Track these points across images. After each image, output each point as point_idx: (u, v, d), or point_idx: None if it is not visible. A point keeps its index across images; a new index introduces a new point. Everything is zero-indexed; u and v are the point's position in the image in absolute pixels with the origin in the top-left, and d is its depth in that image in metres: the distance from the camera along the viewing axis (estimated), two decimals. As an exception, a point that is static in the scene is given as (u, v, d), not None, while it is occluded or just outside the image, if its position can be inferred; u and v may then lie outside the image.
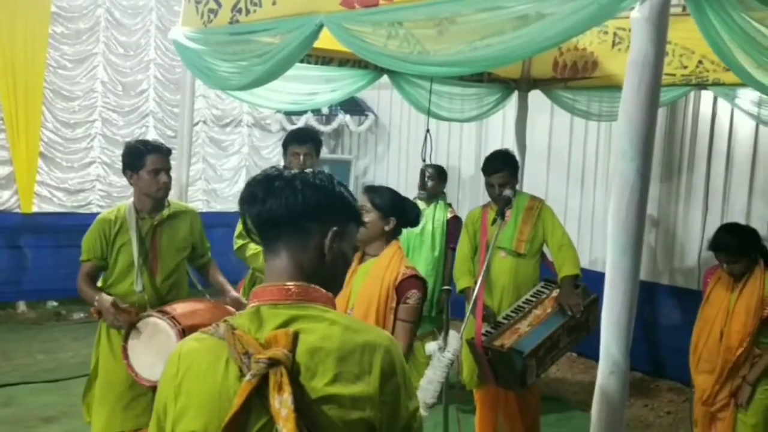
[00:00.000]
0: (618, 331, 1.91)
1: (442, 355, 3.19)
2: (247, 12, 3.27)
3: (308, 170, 1.47)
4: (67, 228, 6.43)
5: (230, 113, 8.07)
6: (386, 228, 2.85)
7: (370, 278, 2.81)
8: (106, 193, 7.24)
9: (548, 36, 2.12)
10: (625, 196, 1.88)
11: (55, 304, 7.08)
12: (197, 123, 7.86)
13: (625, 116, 1.87)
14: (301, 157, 4.16)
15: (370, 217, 2.82)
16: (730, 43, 2.04)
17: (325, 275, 1.46)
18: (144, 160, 3.24)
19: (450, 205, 5.08)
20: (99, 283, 3.35)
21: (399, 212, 2.88)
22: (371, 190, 2.90)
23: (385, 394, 1.37)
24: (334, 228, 1.45)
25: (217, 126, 8.06)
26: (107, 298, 3.12)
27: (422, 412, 3.15)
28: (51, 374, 5.28)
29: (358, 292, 2.82)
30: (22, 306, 6.98)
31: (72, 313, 6.87)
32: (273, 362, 1.27)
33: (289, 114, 7.85)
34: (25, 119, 6.75)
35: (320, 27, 2.87)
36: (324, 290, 1.44)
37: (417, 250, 5.07)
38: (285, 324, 1.35)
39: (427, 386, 3.13)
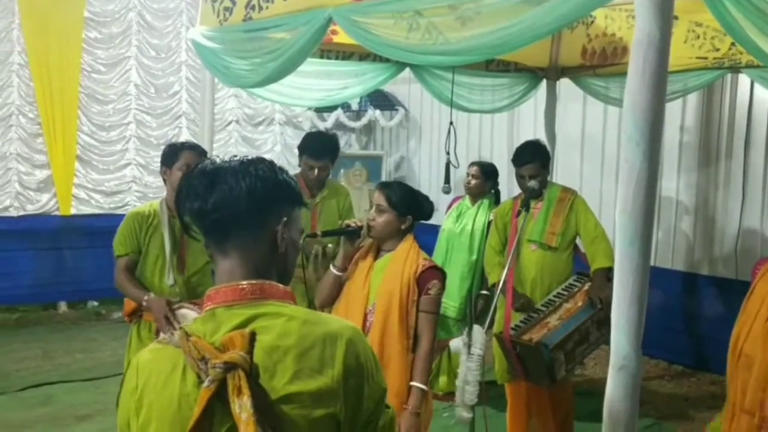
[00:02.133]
0: (628, 324, 1.83)
1: (470, 352, 3.15)
2: (260, 8, 3.27)
3: (246, 158, 1.41)
4: (104, 229, 6.49)
5: (262, 112, 8.12)
6: (403, 227, 2.86)
7: (388, 274, 2.81)
8: (142, 194, 7.36)
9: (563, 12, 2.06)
10: (632, 182, 1.79)
11: (95, 303, 7.24)
12: (230, 123, 7.95)
13: (631, 100, 1.78)
14: (316, 171, 4.17)
15: (386, 216, 2.82)
16: (742, 21, 1.93)
17: (280, 267, 1.42)
18: (178, 156, 3.33)
19: (498, 204, 4.98)
20: None
21: (414, 209, 2.88)
22: (386, 188, 2.88)
23: (349, 386, 1.32)
24: (284, 218, 1.40)
25: (250, 125, 8.12)
26: (161, 298, 3.19)
27: (464, 414, 3.13)
28: (89, 373, 5.39)
29: (378, 289, 2.82)
30: (63, 306, 7.16)
31: (112, 313, 7.01)
32: (230, 366, 1.22)
33: (319, 111, 7.85)
34: (61, 123, 6.91)
35: (329, 20, 2.85)
36: (280, 285, 1.39)
37: (456, 250, 5.01)
38: (241, 325, 1.31)
39: (465, 387, 3.10)
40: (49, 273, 6.96)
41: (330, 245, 4.12)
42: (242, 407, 1.21)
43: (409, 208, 2.86)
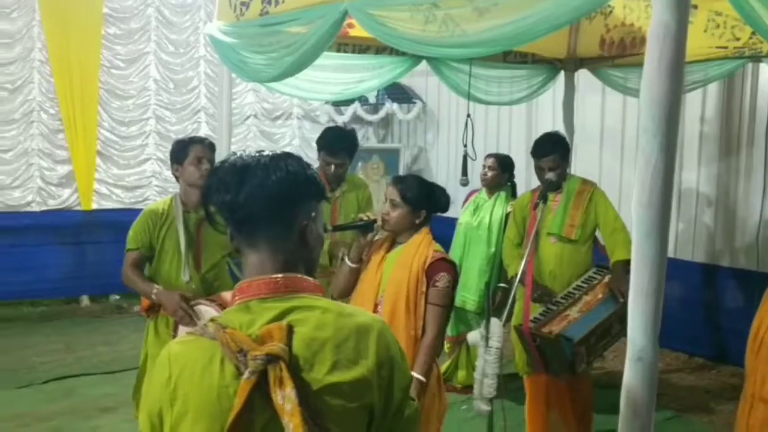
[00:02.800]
0: (644, 316, 1.82)
1: (488, 345, 3.15)
2: (276, 3, 3.28)
3: (275, 153, 1.42)
4: (126, 223, 6.46)
5: (280, 106, 8.15)
6: (417, 220, 2.86)
7: (398, 265, 2.82)
8: (162, 188, 7.43)
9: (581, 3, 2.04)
10: (649, 174, 1.78)
11: (117, 297, 7.32)
12: (248, 117, 7.99)
13: (647, 91, 1.77)
14: (333, 167, 4.17)
15: (400, 210, 2.82)
16: (761, 10, 1.90)
17: (307, 261, 1.43)
18: (187, 151, 3.33)
19: (515, 196, 4.95)
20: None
21: (429, 203, 2.87)
22: (401, 183, 2.88)
23: (381, 377, 1.35)
24: (313, 213, 1.43)
25: (268, 119, 8.15)
26: (173, 292, 3.18)
27: (483, 406, 3.13)
28: (110, 366, 5.46)
29: (388, 279, 2.82)
30: (85, 300, 7.26)
31: (133, 306, 7.07)
32: (271, 358, 1.25)
33: (337, 104, 7.86)
34: (82, 119, 6.99)
35: (345, 14, 2.85)
36: (311, 279, 1.41)
37: (474, 243, 5.01)
38: (277, 317, 1.32)
39: (483, 380, 3.10)
40: (72, 267, 7.06)
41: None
42: (286, 398, 1.23)
43: (424, 202, 2.86)
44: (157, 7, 7.34)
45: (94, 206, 7.17)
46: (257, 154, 1.42)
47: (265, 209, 1.37)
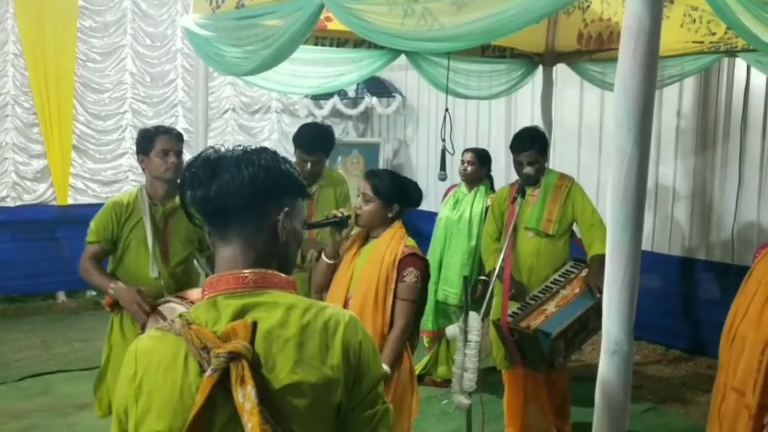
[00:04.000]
0: (619, 310, 1.83)
1: (468, 339, 3.15)
2: (252, -5, 3.25)
3: (249, 147, 1.41)
4: None
5: (259, 100, 8.09)
6: (389, 215, 2.86)
7: (369, 260, 2.82)
8: (139, 183, 7.29)
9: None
10: (623, 168, 1.79)
11: (93, 293, 7.23)
12: (226, 111, 7.93)
13: (621, 84, 1.78)
14: (309, 164, 4.11)
15: (372, 205, 2.83)
16: (734, 5, 1.92)
17: (281, 257, 1.42)
18: (153, 141, 3.22)
19: (494, 191, 4.96)
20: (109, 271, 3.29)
21: (401, 197, 2.87)
22: (373, 177, 2.87)
23: (348, 375, 1.34)
24: (286, 208, 1.40)
25: (247, 113, 8.10)
26: (130, 288, 3.05)
27: (463, 400, 3.14)
28: (87, 362, 5.39)
29: (359, 275, 2.82)
30: (61, 296, 7.17)
31: (108, 302, 7.01)
32: (233, 356, 1.23)
33: (316, 98, 7.82)
34: (57, 113, 6.89)
35: (321, 7, 2.83)
36: (282, 274, 1.39)
37: (454, 238, 5.01)
38: (241, 314, 1.31)
39: (463, 374, 3.10)
40: (48, 263, 6.94)
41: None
42: (246, 397, 1.22)
43: (396, 196, 2.87)
44: (133, 0, 7.24)
45: (70, 201, 7.07)
46: (231, 148, 1.40)
47: (237, 204, 1.35)
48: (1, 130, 6.84)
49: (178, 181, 1.43)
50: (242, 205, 1.36)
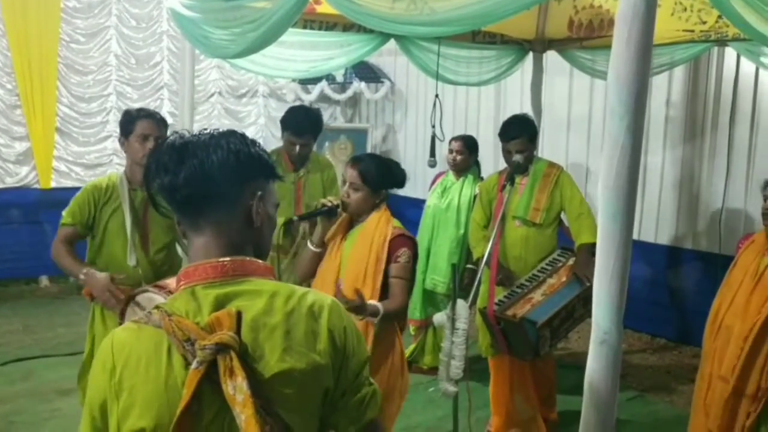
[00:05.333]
0: (609, 298, 1.81)
1: (455, 327, 3.14)
2: (239, -23, 3.19)
3: (216, 131, 1.36)
4: None
5: (246, 84, 8.01)
6: (377, 201, 2.85)
7: (358, 243, 2.81)
8: (123, 166, 7.25)
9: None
10: (616, 156, 1.76)
11: (77, 278, 7.17)
12: (212, 95, 7.84)
13: (615, 72, 1.75)
14: (297, 147, 4.08)
15: (361, 193, 2.81)
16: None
17: (256, 242, 1.38)
18: (134, 125, 3.13)
19: (482, 179, 4.94)
20: (86, 258, 3.20)
21: (388, 181, 2.86)
22: (359, 163, 2.84)
23: (335, 359, 1.32)
24: (259, 192, 1.37)
25: (233, 97, 8.01)
26: (101, 274, 2.93)
27: (450, 387, 3.13)
28: (71, 348, 5.34)
29: (348, 258, 2.80)
30: (44, 281, 7.09)
31: (94, 287, 6.94)
32: (220, 347, 1.20)
33: (303, 83, 7.75)
34: (40, 95, 6.78)
35: (310, -10, 2.78)
36: (260, 261, 1.36)
37: (442, 226, 4.99)
38: (223, 303, 1.27)
39: (450, 361, 3.09)
40: (30, 247, 6.86)
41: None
42: (237, 388, 1.19)
43: (383, 181, 2.86)
44: (117, -20, 7.13)
45: (53, 184, 6.98)
46: (198, 133, 1.35)
47: (206, 190, 1.31)
48: (-18, 111, 6.73)
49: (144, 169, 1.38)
50: (213, 191, 1.31)
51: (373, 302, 2.64)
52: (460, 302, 3.18)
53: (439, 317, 3.26)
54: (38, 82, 6.75)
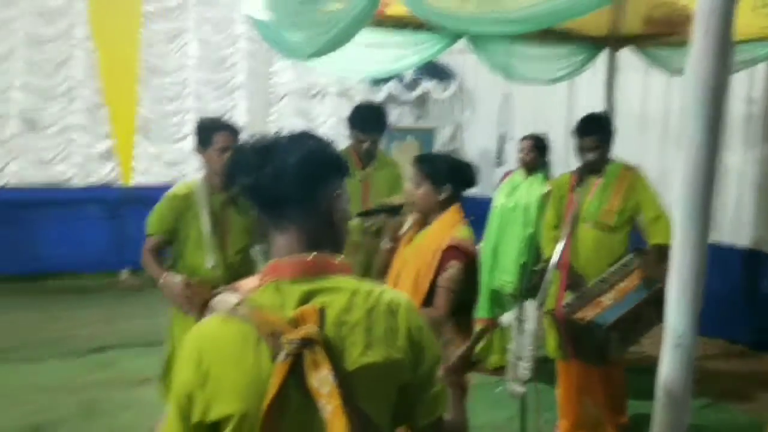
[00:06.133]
0: (684, 302, 1.78)
1: (523, 328, 3.13)
2: (313, -21, 3.26)
3: (294, 133, 1.42)
4: None
5: (317, 84, 8.14)
6: (440, 197, 2.78)
7: (417, 248, 2.80)
8: (200, 165, 7.49)
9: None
10: (692, 157, 1.73)
11: (155, 271, 7.45)
12: (285, 95, 8.00)
13: (692, 70, 1.71)
14: (364, 144, 4.13)
15: (423, 188, 2.77)
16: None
17: (334, 239, 1.43)
18: (211, 137, 3.24)
19: (551, 178, 4.88)
20: (170, 262, 3.34)
21: (453, 178, 2.80)
22: (421, 160, 2.83)
23: (412, 355, 1.36)
24: (337, 191, 1.42)
25: (305, 97, 8.16)
26: (177, 278, 3.05)
27: (517, 388, 3.11)
28: (148, 338, 5.53)
29: (406, 261, 2.81)
30: (125, 274, 7.40)
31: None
32: (306, 341, 1.25)
33: (373, 82, 7.82)
34: (122, 95, 7.09)
35: (382, -9, 2.82)
36: (340, 258, 1.41)
37: (510, 225, 4.95)
38: (307, 299, 1.33)
39: (518, 362, 3.08)
40: (111, 242, 7.20)
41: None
42: (322, 381, 1.24)
43: (445, 176, 2.78)
44: (195, -16, 7.38)
45: (134, 182, 7.28)
46: (277, 135, 1.41)
47: (288, 190, 1.36)
48: (68, 111, 7.08)
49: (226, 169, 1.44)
50: (294, 191, 1.36)
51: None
52: (528, 303, 3.16)
53: (507, 318, 3.25)
54: (120, 83, 7.07)
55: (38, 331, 5.82)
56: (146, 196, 7.25)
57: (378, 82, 7.76)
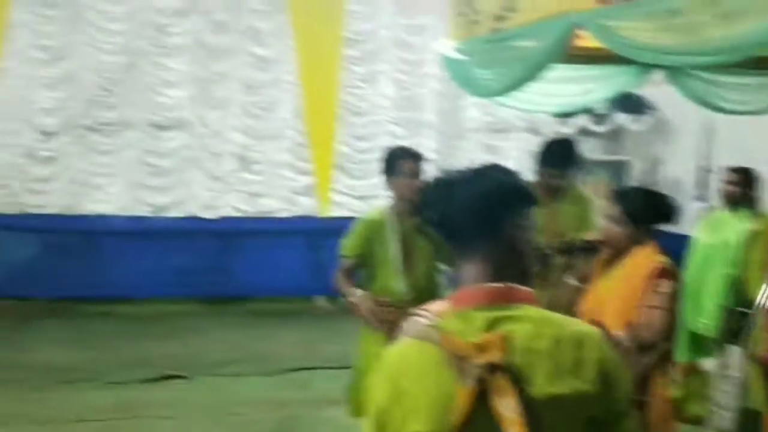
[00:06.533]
0: None
1: (726, 375, 2.95)
2: (505, 19, 3.36)
3: (479, 166, 1.48)
4: None
5: (504, 120, 8.20)
6: (638, 234, 2.73)
7: (619, 278, 2.72)
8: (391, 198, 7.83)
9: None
10: None
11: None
12: (472, 131, 8.14)
13: None
14: (551, 180, 4.06)
15: (622, 228, 2.71)
16: None
17: (520, 269, 1.45)
18: (398, 165, 3.44)
19: (760, 214, 4.56)
20: (362, 284, 3.57)
21: (653, 213, 2.73)
22: (622, 198, 2.76)
23: (601, 389, 1.35)
24: (521, 220, 1.45)
25: (491, 132, 8.25)
26: (366, 294, 3.31)
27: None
28: (341, 362, 5.78)
29: (606, 296, 2.74)
30: (320, 300, 7.85)
31: (362, 309, 7.54)
32: (493, 367, 1.30)
33: (562, 116, 7.72)
34: (323, 135, 7.64)
35: (574, 26, 2.84)
36: (526, 288, 1.43)
37: (712, 264, 4.65)
38: (492, 326, 1.36)
39: (720, 412, 2.92)
40: (308, 269, 7.68)
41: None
42: (507, 407, 1.27)
43: (646, 213, 2.71)
44: (392, 29, 7.79)
45: (331, 214, 7.77)
46: (463, 170, 1.49)
47: (473, 221, 1.42)
48: (276, 150, 7.76)
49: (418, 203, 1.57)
50: (478, 222, 1.42)
51: (618, 332, 2.56)
52: (733, 349, 2.96)
53: (709, 363, 3.07)
54: (322, 123, 7.62)
55: (243, 348, 6.33)
56: (342, 228, 7.69)
57: (567, 115, 7.65)
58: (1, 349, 6.08)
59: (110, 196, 7.65)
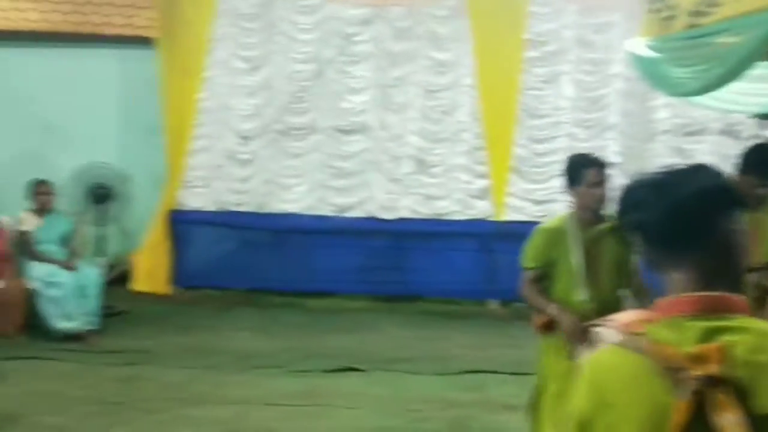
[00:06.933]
0: None
1: None
2: (705, 14, 3.16)
3: (687, 167, 1.39)
4: None
5: (697, 121, 7.67)
6: None
7: None
8: (568, 203, 7.62)
9: None
10: None
11: (523, 305, 7.74)
12: (661, 133, 7.69)
13: None
14: (759, 190, 3.72)
15: None
16: None
17: (731, 275, 1.36)
18: (582, 174, 3.33)
19: None
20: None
21: None
22: None
23: None
24: (734, 224, 1.35)
25: (682, 135, 7.74)
26: (570, 315, 3.21)
27: None
28: (515, 367, 5.74)
29: None
30: (493, 303, 7.83)
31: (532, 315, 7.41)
32: (712, 380, 1.22)
33: (763, 118, 7.07)
34: (500, 137, 7.60)
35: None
36: (741, 297, 1.34)
37: None
38: (708, 337, 1.29)
39: None
40: (482, 272, 7.70)
41: None
42: (729, 423, 1.20)
43: None
44: (575, 29, 7.58)
45: (506, 217, 7.71)
46: (667, 171, 1.40)
47: (683, 225, 1.34)
48: (453, 153, 7.84)
49: (615, 206, 1.47)
50: (691, 225, 1.34)
51: None
52: None
53: None
54: (500, 126, 7.59)
55: (416, 347, 6.47)
56: (517, 232, 7.62)
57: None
58: (204, 335, 6.69)
59: (298, 196, 8.14)
